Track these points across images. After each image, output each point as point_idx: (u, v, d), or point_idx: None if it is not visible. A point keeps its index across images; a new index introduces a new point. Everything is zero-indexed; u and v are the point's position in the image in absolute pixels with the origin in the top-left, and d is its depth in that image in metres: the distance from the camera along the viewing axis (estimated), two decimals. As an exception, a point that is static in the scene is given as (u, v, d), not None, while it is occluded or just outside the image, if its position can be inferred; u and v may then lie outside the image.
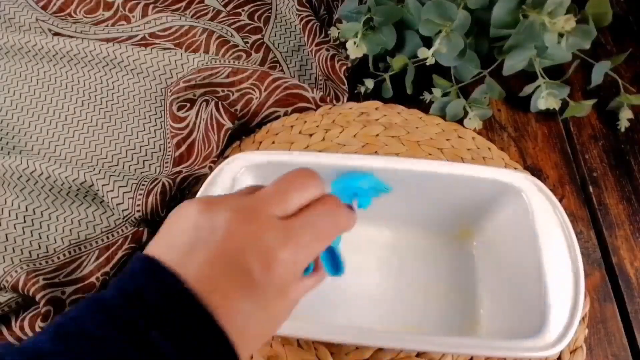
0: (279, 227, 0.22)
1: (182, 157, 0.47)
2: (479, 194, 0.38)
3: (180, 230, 0.22)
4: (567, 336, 0.31)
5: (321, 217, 0.24)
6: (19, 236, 0.44)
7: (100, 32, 0.58)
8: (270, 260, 0.22)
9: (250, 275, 0.21)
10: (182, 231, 0.22)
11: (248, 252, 0.21)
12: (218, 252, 0.21)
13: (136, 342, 0.19)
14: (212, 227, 0.22)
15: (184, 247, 0.21)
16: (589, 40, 0.42)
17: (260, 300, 0.22)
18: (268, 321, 0.23)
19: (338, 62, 0.51)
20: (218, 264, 0.21)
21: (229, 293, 0.21)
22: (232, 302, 0.21)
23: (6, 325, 0.39)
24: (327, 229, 0.24)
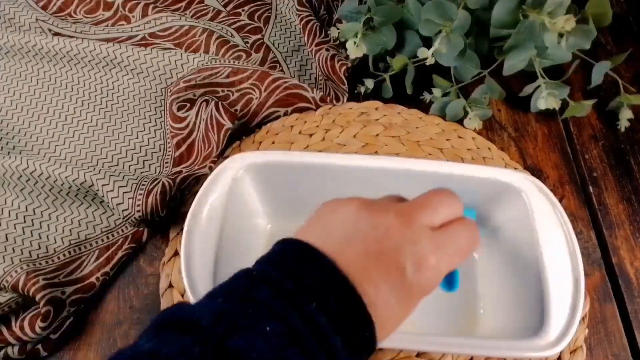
0: (430, 236, 0.25)
1: (182, 157, 0.47)
2: (479, 194, 0.38)
3: (338, 223, 0.25)
4: (567, 336, 0.31)
5: (463, 233, 0.26)
6: (19, 236, 0.44)
7: (100, 32, 0.58)
8: (422, 262, 0.24)
9: (402, 273, 0.23)
10: (341, 224, 0.25)
11: (405, 251, 0.24)
12: (376, 247, 0.24)
13: (299, 312, 0.20)
14: (373, 224, 0.24)
15: (341, 238, 0.24)
16: (589, 40, 0.42)
17: (405, 298, 0.24)
18: (401, 319, 0.25)
19: (338, 62, 0.51)
20: (374, 258, 0.23)
21: (380, 285, 0.23)
22: (381, 294, 0.23)
23: (6, 325, 0.39)
24: (467, 244, 0.26)
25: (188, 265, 0.34)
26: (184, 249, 0.35)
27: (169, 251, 0.42)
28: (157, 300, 0.40)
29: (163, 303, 0.40)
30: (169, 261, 0.42)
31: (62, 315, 0.39)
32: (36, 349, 0.38)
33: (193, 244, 0.35)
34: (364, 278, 0.23)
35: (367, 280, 0.23)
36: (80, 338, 0.40)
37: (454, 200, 0.27)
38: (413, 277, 0.24)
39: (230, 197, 0.37)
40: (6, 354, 0.38)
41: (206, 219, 0.36)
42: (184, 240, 0.35)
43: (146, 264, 0.43)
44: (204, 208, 0.37)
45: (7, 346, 0.38)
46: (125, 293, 0.42)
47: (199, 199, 0.37)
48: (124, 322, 0.40)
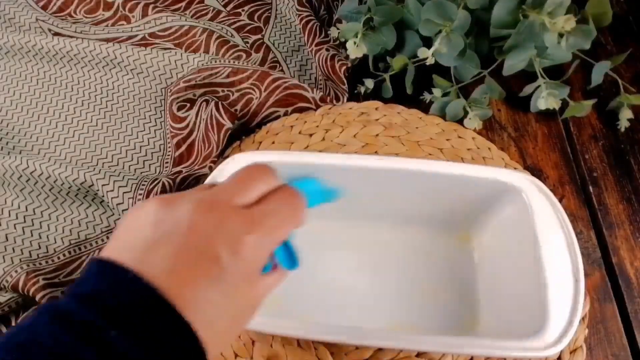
0: (242, 214, 0.23)
1: (182, 157, 0.47)
2: (479, 194, 0.38)
3: (139, 228, 0.22)
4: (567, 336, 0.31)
5: (281, 204, 0.24)
6: (19, 236, 0.44)
7: (100, 32, 0.58)
8: (238, 245, 0.22)
9: (218, 262, 0.21)
10: (141, 229, 0.22)
11: (215, 239, 0.21)
12: (183, 244, 0.21)
13: (94, 345, 0.18)
14: (174, 220, 0.22)
15: (144, 244, 0.21)
16: (589, 40, 0.42)
17: (229, 288, 0.21)
18: (236, 313, 0.23)
19: (338, 62, 0.51)
20: (183, 256, 0.21)
21: (195, 284, 0.20)
22: (199, 293, 0.20)
23: (6, 325, 0.39)
24: (288, 215, 0.24)
25: (188, 265, 0.34)
26: (184, 249, 0.35)
27: (169, 251, 0.42)
28: (157, 300, 0.40)
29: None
30: (169, 261, 0.41)
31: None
32: (36, 349, 0.38)
33: (193, 244, 0.35)
34: (176, 282, 0.20)
35: (179, 285, 0.20)
36: (80, 338, 0.40)
37: (265, 171, 0.25)
38: (231, 263, 0.21)
39: (230, 197, 0.37)
40: (6, 354, 0.38)
41: (206, 219, 0.36)
42: (184, 240, 0.35)
43: (146, 264, 0.43)
44: (204, 208, 0.36)
45: (7, 346, 0.38)
46: (125, 293, 0.42)
47: (199, 199, 0.37)
48: (124, 322, 0.40)
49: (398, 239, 0.42)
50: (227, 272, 0.21)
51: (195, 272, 0.21)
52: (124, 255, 0.21)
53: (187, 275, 0.20)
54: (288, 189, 0.25)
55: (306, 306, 0.39)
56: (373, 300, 0.40)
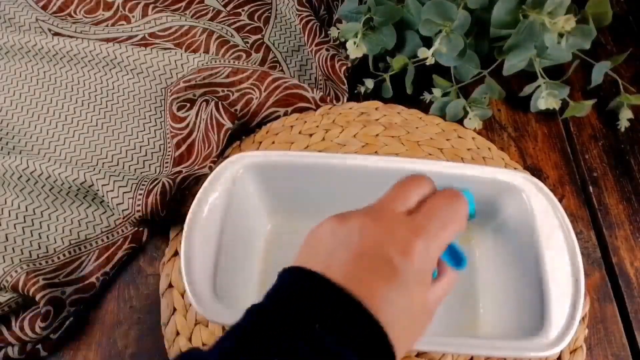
0: (406, 220, 0.25)
1: (182, 157, 0.47)
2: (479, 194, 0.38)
3: (320, 241, 0.25)
4: (567, 336, 0.31)
5: (441, 206, 0.26)
6: (19, 236, 0.44)
7: (100, 32, 0.58)
8: (407, 247, 0.23)
9: (390, 263, 0.23)
10: (322, 242, 0.25)
11: (385, 244, 0.23)
12: (358, 250, 0.23)
13: (305, 339, 0.20)
14: (348, 231, 0.24)
15: (326, 253, 0.24)
16: (589, 40, 0.42)
17: (404, 289, 0.23)
18: (413, 316, 0.24)
19: (338, 62, 0.51)
20: (359, 261, 0.23)
21: (374, 283, 0.22)
22: (378, 292, 0.22)
23: (6, 325, 0.39)
24: (449, 217, 0.25)
25: (188, 265, 0.34)
26: (184, 249, 0.35)
27: (169, 251, 0.42)
28: (157, 300, 0.40)
29: (163, 303, 0.40)
30: (169, 261, 0.42)
31: (62, 315, 0.39)
32: (36, 349, 0.38)
33: (193, 244, 0.35)
34: (358, 283, 0.22)
35: (360, 284, 0.22)
36: (80, 338, 0.40)
37: (421, 180, 0.27)
38: (403, 265, 0.23)
39: (230, 197, 0.37)
40: (6, 354, 0.38)
41: (206, 219, 0.36)
42: (184, 240, 0.35)
43: (146, 264, 0.43)
44: (204, 208, 0.37)
45: (7, 346, 0.38)
46: (125, 293, 0.42)
47: (199, 199, 0.37)
48: (124, 322, 0.40)
49: (398, 239, 0.42)
50: (401, 274, 0.23)
51: (373, 274, 0.23)
52: (310, 263, 0.23)
53: (365, 277, 0.22)
54: (447, 192, 0.27)
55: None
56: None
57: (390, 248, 0.23)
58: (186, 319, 0.39)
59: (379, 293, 0.22)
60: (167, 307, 0.40)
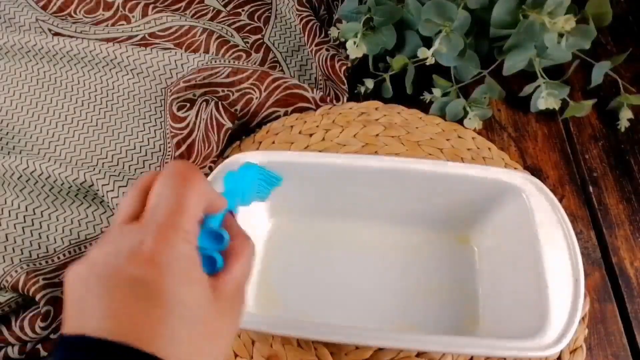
0: (128, 228, 0.21)
1: (182, 157, 0.47)
2: (479, 194, 0.38)
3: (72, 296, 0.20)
4: (567, 336, 0.31)
5: (162, 193, 0.21)
6: (19, 236, 0.44)
7: (100, 32, 0.58)
8: (141, 256, 0.19)
9: (136, 282, 0.19)
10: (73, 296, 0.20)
11: (120, 264, 0.19)
12: (96, 288, 0.19)
13: None
14: (85, 275, 0.20)
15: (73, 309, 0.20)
16: (589, 40, 0.42)
17: (165, 299, 0.19)
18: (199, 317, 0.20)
19: (338, 62, 0.51)
20: (105, 300, 0.19)
21: (137, 316, 0.19)
22: (139, 322, 0.19)
23: (6, 325, 0.39)
24: (174, 198, 0.21)
25: (188, 265, 0.34)
26: (184, 249, 0.35)
27: (169, 251, 0.42)
28: (157, 300, 0.40)
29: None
30: (169, 261, 0.41)
31: (62, 315, 0.39)
32: (36, 349, 0.38)
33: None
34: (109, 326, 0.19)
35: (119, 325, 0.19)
36: (80, 338, 0.40)
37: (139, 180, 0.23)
38: (152, 276, 0.19)
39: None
40: (6, 354, 0.38)
41: (206, 219, 0.36)
42: (184, 240, 0.35)
43: (146, 264, 0.43)
44: (204, 208, 0.36)
45: (7, 346, 0.38)
46: (125, 293, 0.42)
47: (199, 199, 0.37)
48: (124, 322, 0.40)
49: (398, 239, 0.42)
50: (154, 286, 0.19)
51: (125, 305, 0.19)
52: (70, 325, 0.19)
53: (119, 312, 0.19)
54: (165, 172, 0.22)
55: (306, 306, 0.39)
56: (373, 300, 0.40)
57: (127, 267, 0.19)
58: (186, 319, 0.39)
59: (142, 323, 0.19)
60: (167, 307, 0.39)
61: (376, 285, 0.40)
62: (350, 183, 0.39)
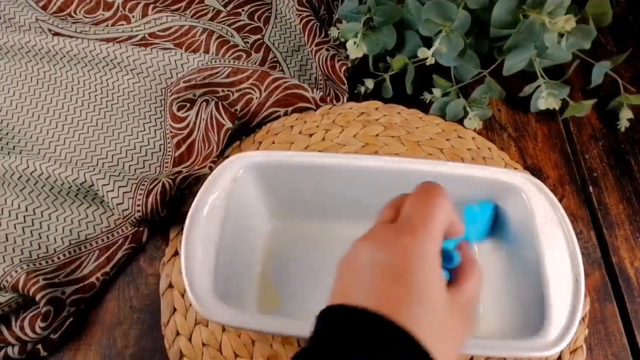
0: (388, 227, 0.25)
1: (182, 157, 0.47)
2: (479, 194, 0.38)
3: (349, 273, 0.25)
4: (567, 336, 0.31)
5: (416, 202, 0.26)
6: (19, 236, 0.44)
7: (100, 32, 0.58)
8: (396, 248, 0.24)
9: (393, 268, 0.23)
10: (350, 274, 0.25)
11: (380, 256, 0.24)
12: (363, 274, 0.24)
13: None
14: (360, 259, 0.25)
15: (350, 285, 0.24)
16: (589, 40, 0.42)
17: (416, 284, 0.23)
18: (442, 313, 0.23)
19: (338, 62, 0.51)
20: (379, 283, 0.23)
21: (390, 293, 0.22)
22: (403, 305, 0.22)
23: (6, 325, 0.39)
24: (427, 209, 0.25)
25: (188, 265, 0.34)
26: (184, 249, 0.35)
27: (169, 251, 0.42)
28: (157, 300, 0.40)
29: (163, 303, 0.40)
30: (169, 261, 0.42)
31: (62, 315, 0.39)
32: (36, 349, 0.38)
33: (193, 244, 0.35)
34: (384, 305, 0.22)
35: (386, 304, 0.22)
36: (80, 338, 0.40)
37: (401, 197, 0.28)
38: (407, 265, 0.23)
39: (230, 197, 0.37)
40: (6, 354, 0.38)
41: (206, 219, 0.36)
42: (184, 240, 0.35)
43: (146, 264, 0.43)
44: (204, 208, 0.37)
45: (7, 346, 0.38)
46: (125, 293, 0.42)
47: (199, 199, 0.37)
48: (124, 322, 0.40)
49: (398, 239, 0.42)
50: (406, 272, 0.23)
51: (383, 286, 0.23)
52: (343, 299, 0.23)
53: (377, 291, 0.23)
54: (418, 188, 0.27)
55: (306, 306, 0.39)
56: (373, 300, 0.39)
57: (387, 255, 0.24)
58: (186, 319, 0.39)
59: (397, 300, 0.22)
60: (167, 307, 0.40)
61: (376, 285, 0.40)
62: (350, 183, 0.39)
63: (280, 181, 0.40)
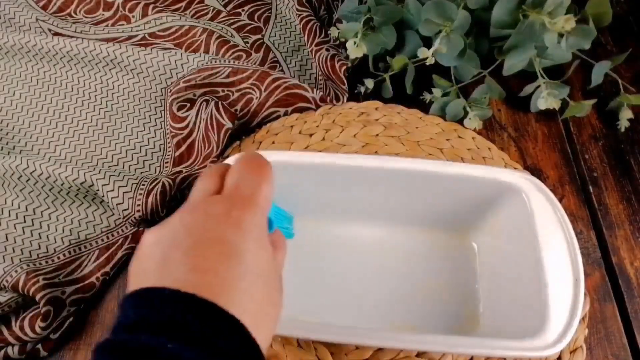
0: (217, 199, 0.24)
1: (182, 157, 0.47)
2: (479, 194, 0.38)
3: (145, 258, 0.23)
4: (567, 336, 0.31)
5: (243, 173, 0.25)
6: (19, 236, 0.44)
7: (100, 32, 0.58)
8: (230, 220, 0.23)
9: (224, 242, 0.22)
10: (147, 257, 0.23)
11: (211, 227, 0.22)
12: (187, 246, 0.22)
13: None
14: (169, 235, 0.23)
15: (155, 265, 0.22)
16: (589, 40, 0.42)
17: (245, 258, 0.22)
18: (265, 286, 0.23)
19: (338, 62, 0.51)
20: (194, 254, 0.21)
21: (217, 268, 0.21)
22: (222, 277, 0.21)
23: (6, 325, 0.39)
24: (255, 179, 0.25)
25: (188, 265, 0.34)
26: (184, 249, 0.35)
27: (169, 251, 0.42)
28: (157, 300, 0.40)
29: (163, 303, 0.40)
30: (169, 261, 0.41)
31: (62, 315, 0.39)
32: (36, 349, 0.38)
33: (193, 244, 0.35)
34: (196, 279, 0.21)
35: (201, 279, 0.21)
36: (80, 338, 0.40)
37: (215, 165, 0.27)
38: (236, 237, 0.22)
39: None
40: (6, 354, 0.38)
41: (206, 219, 0.36)
42: (184, 240, 0.35)
43: (146, 264, 0.43)
44: (204, 208, 0.36)
45: (7, 346, 0.38)
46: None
47: (199, 199, 0.37)
48: (124, 322, 0.40)
49: (398, 239, 0.42)
50: (239, 247, 0.22)
51: (211, 261, 0.21)
52: (145, 282, 0.21)
53: (206, 267, 0.21)
54: (243, 158, 0.26)
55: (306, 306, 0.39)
56: (373, 301, 0.40)
57: (217, 229, 0.22)
58: (186, 319, 0.39)
59: (224, 279, 0.21)
60: (167, 307, 0.40)
61: (376, 285, 0.40)
62: (350, 183, 0.39)
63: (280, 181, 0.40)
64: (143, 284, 0.21)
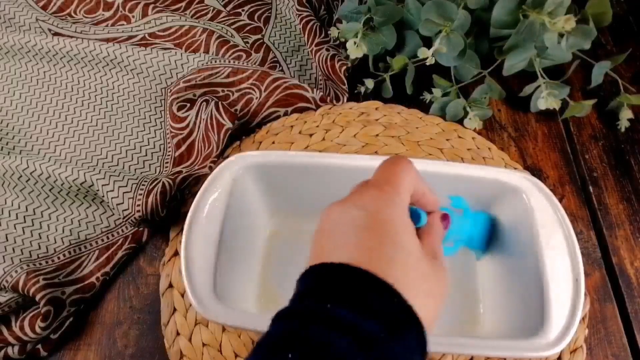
0: (354, 191, 0.27)
1: (182, 157, 0.47)
2: (479, 194, 0.38)
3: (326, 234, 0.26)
4: (567, 336, 0.31)
5: (379, 172, 0.28)
6: (19, 236, 0.44)
7: (100, 32, 0.58)
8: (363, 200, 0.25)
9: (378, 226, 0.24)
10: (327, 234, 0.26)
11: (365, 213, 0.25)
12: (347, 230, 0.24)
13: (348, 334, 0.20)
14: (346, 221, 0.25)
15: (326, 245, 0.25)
16: (589, 40, 0.42)
17: (395, 240, 0.24)
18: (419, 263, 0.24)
19: (338, 62, 0.51)
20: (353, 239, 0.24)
21: (373, 250, 0.23)
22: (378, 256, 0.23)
23: (6, 325, 0.39)
24: (391, 171, 0.27)
25: (188, 265, 0.34)
26: (184, 249, 0.35)
27: (169, 251, 0.42)
28: (157, 300, 0.40)
29: (163, 303, 0.40)
30: (169, 261, 0.42)
31: (62, 315, 0.39)
32: (36, 349, 0.38)
33: (193, 244, 0.35)
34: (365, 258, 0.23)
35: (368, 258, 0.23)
36: (80, 338, 0.40)
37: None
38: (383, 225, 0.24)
39: (230, 197, 0.37)
40: (6, 354, 0.38)
41: (206, 219, 0.36)
42: (184, 240, 0.35)
43: (146, 264, 0.43)
44: (204, 208, 0.37)
45: (7, 346, 0.38)
46: (125, 293, 0.42)
47: (199, 199, 0.37)
48: (124, 322, 0.40)
49: (398, 239, 0.42)
50: (387, 230, 0.24)
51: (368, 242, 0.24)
52: (321, 257, 0.24)
53: (363, 247, 0.23)
54: (383, 161, 0.28)
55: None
56: (373, 300, 0.39)
57: (361, 211, 0.25)
58: (186, 319, 0.39)
59: (380, 257, 0.23)
60: (167, 307, 0.40)
61: (376, 285, 0.40)
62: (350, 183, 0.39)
63: (280, 181, 0.40)
64: (321, 259, 0.24)
